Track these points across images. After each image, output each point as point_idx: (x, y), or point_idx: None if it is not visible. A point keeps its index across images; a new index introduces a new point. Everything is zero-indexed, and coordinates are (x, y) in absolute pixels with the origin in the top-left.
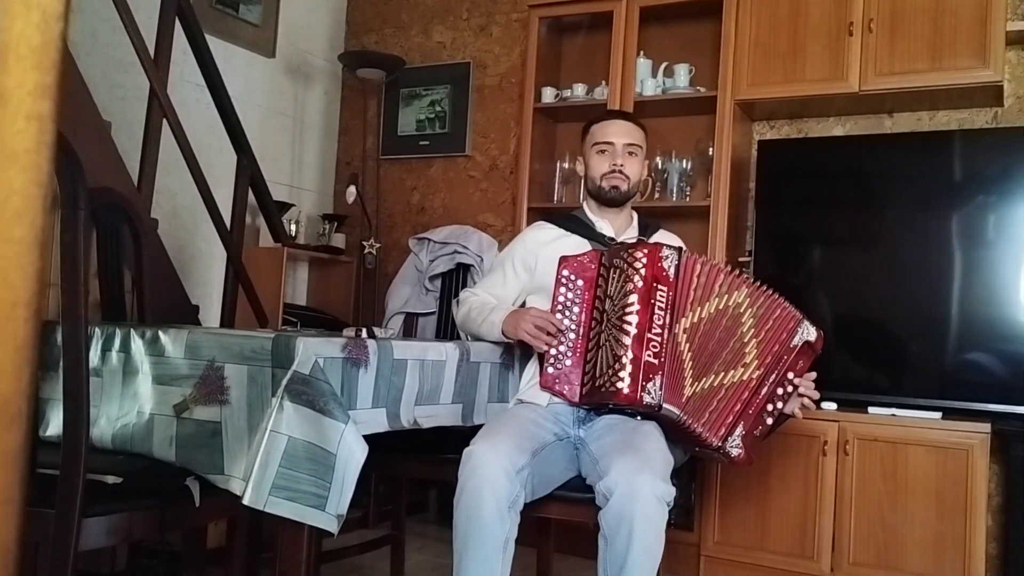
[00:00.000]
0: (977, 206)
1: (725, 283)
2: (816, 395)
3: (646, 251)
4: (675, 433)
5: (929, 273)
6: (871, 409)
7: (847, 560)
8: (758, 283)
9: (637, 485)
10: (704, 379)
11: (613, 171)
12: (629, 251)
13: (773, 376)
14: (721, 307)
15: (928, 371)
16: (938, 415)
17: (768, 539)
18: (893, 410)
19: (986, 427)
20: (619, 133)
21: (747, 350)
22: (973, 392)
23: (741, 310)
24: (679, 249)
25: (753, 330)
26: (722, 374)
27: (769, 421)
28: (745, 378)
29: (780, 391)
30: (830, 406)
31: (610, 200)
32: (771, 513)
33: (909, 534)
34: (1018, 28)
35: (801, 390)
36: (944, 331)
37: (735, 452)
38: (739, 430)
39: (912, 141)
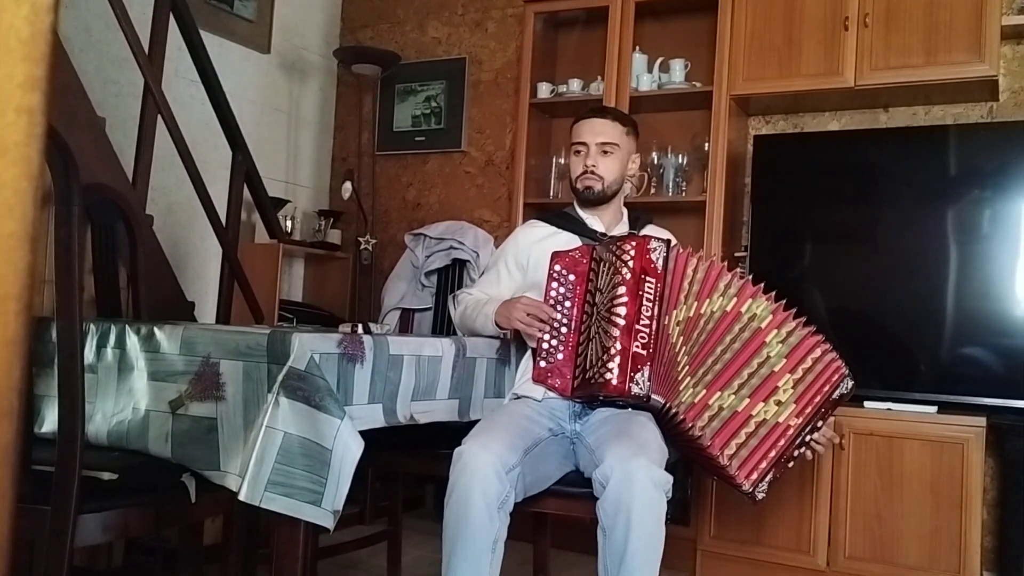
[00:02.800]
0: (972, 201)
1: (733, 285)
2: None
3: (634, 243)
4: (691, 451)
5: (925, 268)
6: (867, 403)
7: (843, 554)
8: (782, 302)
9: (633, 470)
10: (721, 392)
11: (585, 172)
12: (618, 244)
13: (809, 427)
14: (728, 309)
15: (924, 365)
16: (934, 409)
17: (764, 534)
18: (889, 404)
19: (981, 421)
20: (592, 132)
21: (780, 384)
22: (968, 386)
23: (761, 325)
24: (667, 242)
25: (784, 361)
26: (747, 401)
27: (790, 465)
28: (781, 421)
29: (808, 438)
30: None
31: (586, 200)
32: (767, 508)
33: (905, 528)
34: (1013, 22)
35: (824, 437)
36: (939, 325)
37: (760, 496)
38: (770, 476)
39: (907, 136)
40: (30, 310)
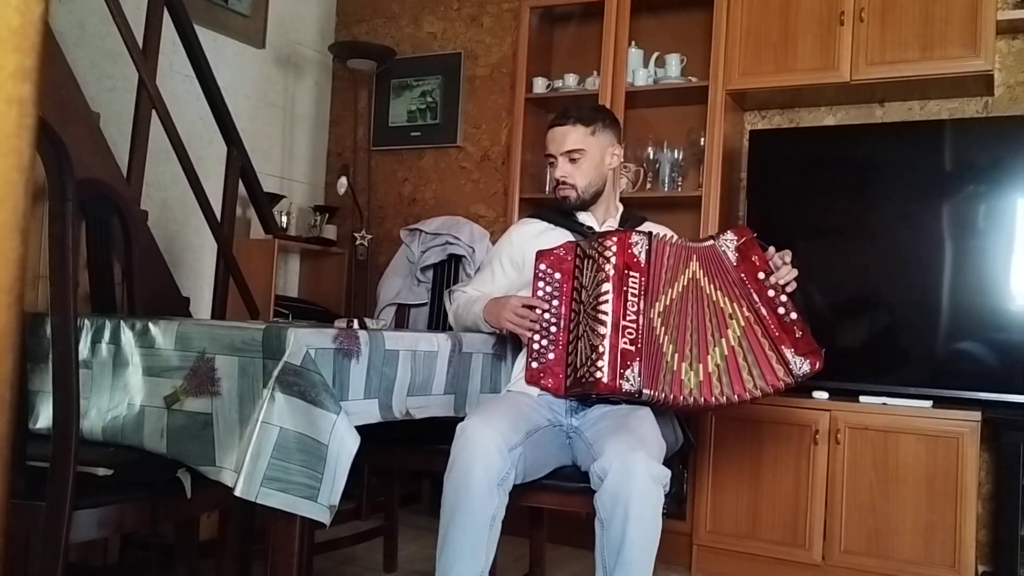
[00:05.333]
0: (968, 195)
1: (685, 258)
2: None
3: (616, 239)
4: (724, 411)
5: (920, 262)
6: (862, 398)
7: (838, 548)
8: (701, 242)
9: (632, 464)
10: (711, 355)
11: (558, 183)
12: (600, 240)
13: (755, 296)
14: (686, 283)
15: (919, 360)
16: (929, 404)
17: (760, 528)
18: (884, 399)
19: (976, 415)
20: (555, 142)
21: (722, 305)
22: (964, 381)
23: (698, 277)
24: (649, 234)
25: (712, 286)
26: (724, 340)
27: (794, 316)
28: (742, 323)
29: (772, 294)
30: (821, 395)
31: (568, 208)
32: (763, 502)
33: (900, 522)
34: (1009, 17)
35: (783, 276)
36: (935, 320)
37: (807, 368)
38: (789, 353)
39: (903, 131)
40: (21, 301)
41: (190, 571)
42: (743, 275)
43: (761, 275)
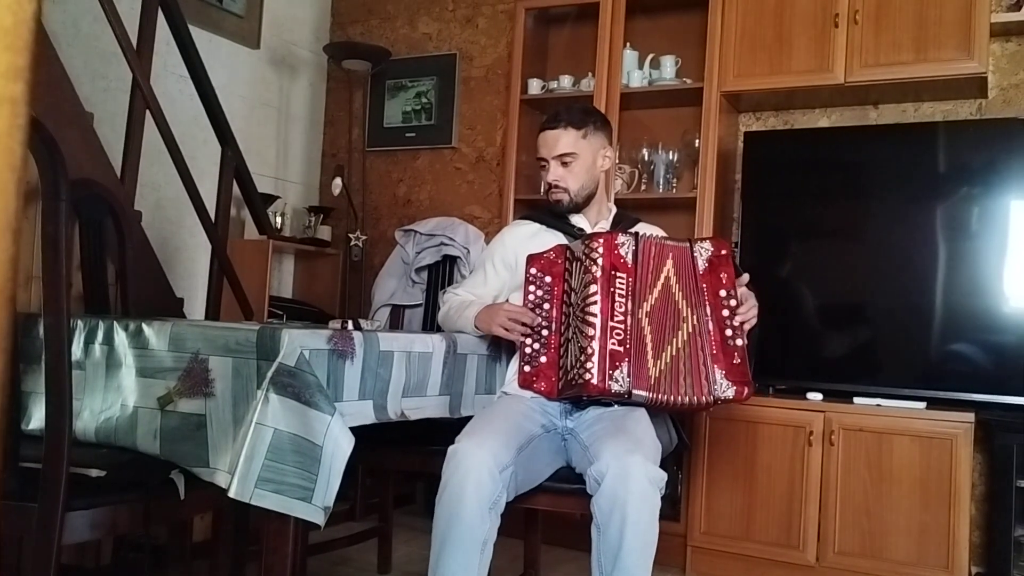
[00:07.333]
0: (961, 197)
1: (663, 255)
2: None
3: (602, 240)
4: (667, 412)
5: (914, 264)
6: (856, 399)
7: (832, 549)
8: (679, 242)
9: (629, 466)
10: (664, 354)
11: (550, 187)
12: (587, 242)
13: (707, 309)
14: (663, 282)
15: (913, 361)
16: (922, 405)
17: (754, 529)
18: (878, 400)
19: (970, 417)
20: (546, 146)
21: (680, 307)
22: (957, 382)
23: (670, 275)
24: (636, 234)
25: (677, 286)
26: (674, 340)
27: (740, 342)
28: (690, 330)
29: (725, 314)
30: (816, 396)
31: (561, 211)
32: (757, 503)
33: (894, 523)
34: (1002, 20)
35: (742, 311)
36: (928, 322)
37: (730, 394)
38: (719, 374)
39: (897, 132)
40: (13, 302)
41: (183, 573)
42: (705, 285)
43: (723, 292)
